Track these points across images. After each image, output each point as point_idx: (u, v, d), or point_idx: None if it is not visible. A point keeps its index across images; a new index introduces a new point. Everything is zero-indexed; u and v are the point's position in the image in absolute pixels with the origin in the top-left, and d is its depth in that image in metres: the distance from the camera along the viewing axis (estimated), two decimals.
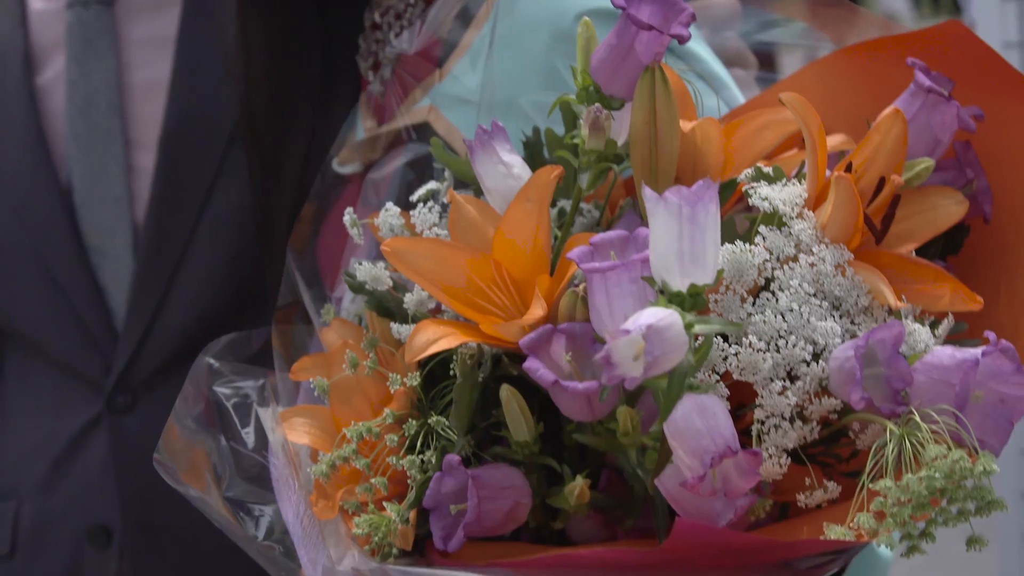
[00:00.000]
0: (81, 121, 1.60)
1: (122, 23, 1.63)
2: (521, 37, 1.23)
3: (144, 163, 1.61)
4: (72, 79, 1.61)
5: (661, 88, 0.88)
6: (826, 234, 0.87)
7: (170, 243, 1.60)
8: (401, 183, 1.24)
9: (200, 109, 1.61)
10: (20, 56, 1.63)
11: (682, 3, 0.88)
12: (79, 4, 1.62)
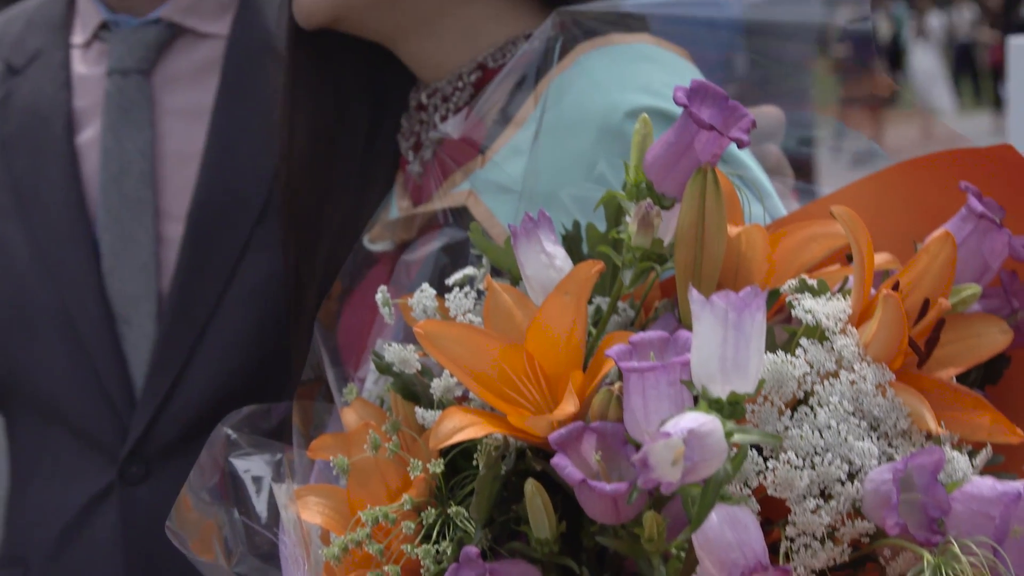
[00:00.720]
0: (113, 189, 1.61)
1: (159, 93, 1.64)
2: (568, 129, 1.23)
3: (173, 233, 1.61)
4: (107, 146, 1.62)
5: (712, 190, 0.87)
6: (869, 352, 0.85)
7: (193, 315, 1.59)
8: (435, 267, 1.23)
9: (231, 182, 1.61)
10: (63, 119, 1.64)
11: (742, 109, 0.87)
12: (118, 72, 1.64)
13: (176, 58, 1.67)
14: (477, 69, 1.37)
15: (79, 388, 1.61)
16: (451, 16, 1.37)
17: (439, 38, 1.38)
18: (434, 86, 1.40)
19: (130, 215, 1.61)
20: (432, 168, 1.35)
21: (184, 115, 1.65)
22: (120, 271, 1.60)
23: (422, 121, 1.41)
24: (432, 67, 1.40)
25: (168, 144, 1.64)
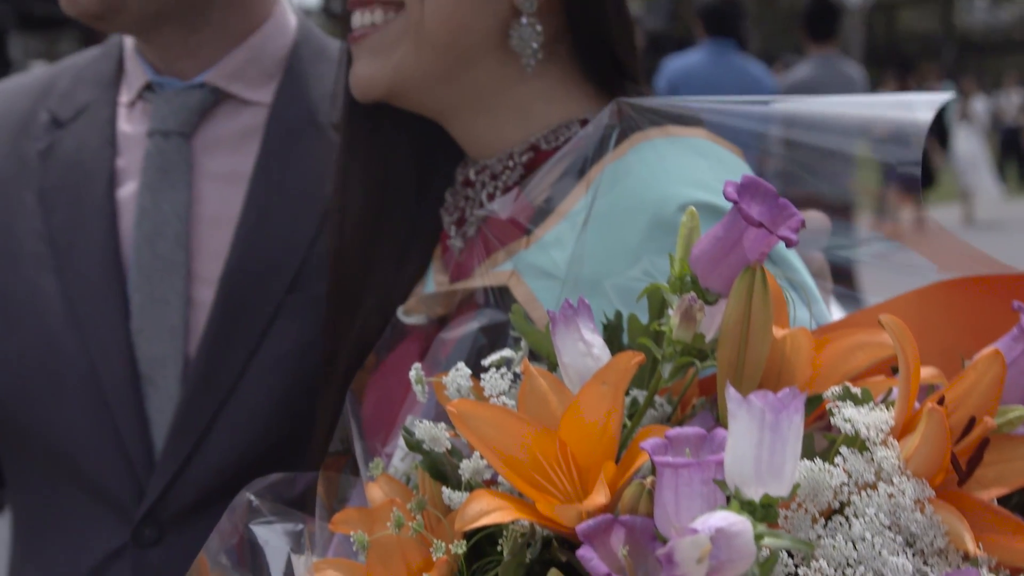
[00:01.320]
0: (147, 249, 1.61)
1: (199, 156, 1.65)
2: (618, 217, 1.23)
3: (203, 297, 1.61)
4: (143, 206, 1.62)
5: (760, 289, 0.85)
6: (909, 466, 0.83)
7: (219, 380, 1.58)
8: (472, 347, 1.22)
9: (266, 249, 1.61)
10: (105, 175, 1.65)
11: (792, 207, 0.86)
12: (159, 133, 1.64)
13: (218, 123, 1.68)
14: (529, 150, 1.37)
15: (98, 445, 1.60)
16: (506, 96, 1.38)
17: (492, 116, 1.38)
18: (483, 163, 1.40)
19: (162, 276, 1.61)
20: (475, 245, 1.35)
21: (222, 179, 1.65)
22: (148, 331, 1.60)
23: (468, 197, 1.41)
24: (483, 144, 1.40)
25: (204, 207, 1.64)
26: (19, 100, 1.76)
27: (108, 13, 1.59)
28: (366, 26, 1.37)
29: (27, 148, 1.70)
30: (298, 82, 1.69)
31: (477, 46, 1.34)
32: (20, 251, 1.65)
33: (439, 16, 1.32)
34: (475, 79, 1.36)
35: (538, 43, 1.33)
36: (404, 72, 1.35)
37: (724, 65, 6.90)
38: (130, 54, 1.73)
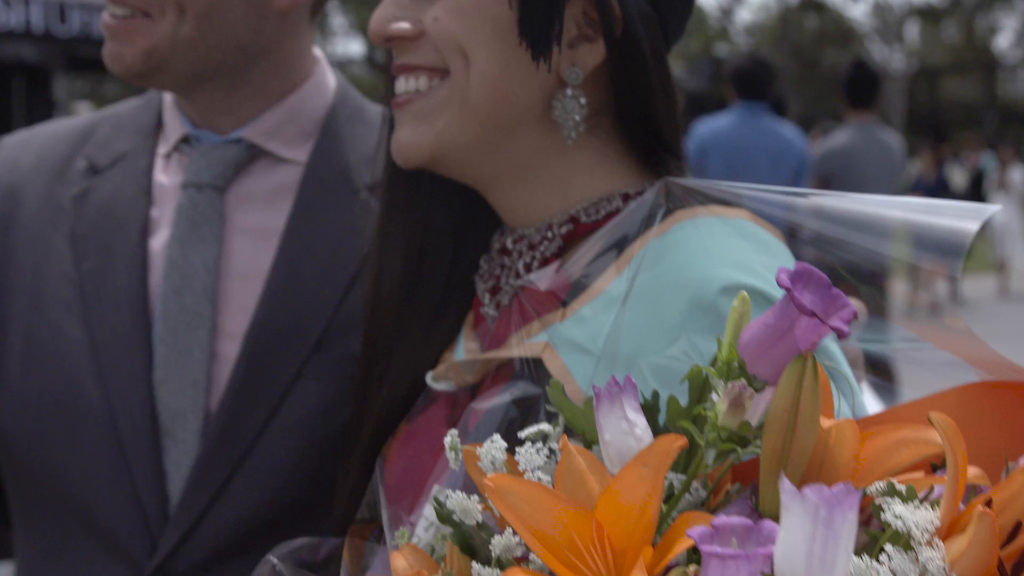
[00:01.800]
0: (173, 300, 1.61)
1: (231, 210, 1.65)
2: (659, 295, 1.22)
3: (227, 352, 1.60)
4: (172, 257, 1.62)
5: (810, 379, 0.84)
6: (955, 568, 0.82)
7: (238, 436, 1.58)
8: (503, 418, 1.21)
9: (293, 307, 1.60)
10: (139, 224, 1.65)
11: (845, 298, 0.86)
12: (193, 186, 1.65)
13: (252, 178, 1.68)
14: (569, 222, 1.36)
15: (113, 495, 1.59)
16: (547, 167, 1.37)
17: (532, 187, 1.38)
18: (521, 232, 1.40)
19: (187, 329, 1.60)
20: (509, 314, 1.35)
21: (253, 234, 1.65)
22: (170, 384, 1.59)
23: (504, 265, 1.41)
24: (522, 214, 1.40)
25: (234, 261, 1.64)
26: (58, 145, 1.76)
27: (151, 72, 1.61)
28: (410, 92, 1.36)
29: (62, 193, 1.70)
30: (334, 142, 1.70)
31: (520, 116, 1.34)
32: (48, 295, 1.65)
33: (484, 85, 1.32)
34: (517, 149, 1.36)
35: (581, 116, 1.33)
36: (447, 140, 1.34)
37: (755, 128, 6.92)
38: (169, 106, 1.74)
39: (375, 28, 1.37)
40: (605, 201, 1.36)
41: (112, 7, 1.60)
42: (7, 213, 1.71)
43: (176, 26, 1.58)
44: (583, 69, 1.32)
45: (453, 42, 1.32)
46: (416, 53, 1.35)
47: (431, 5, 1.33)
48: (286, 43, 1.69)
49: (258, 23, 1.63)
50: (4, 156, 1.78)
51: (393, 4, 1.36)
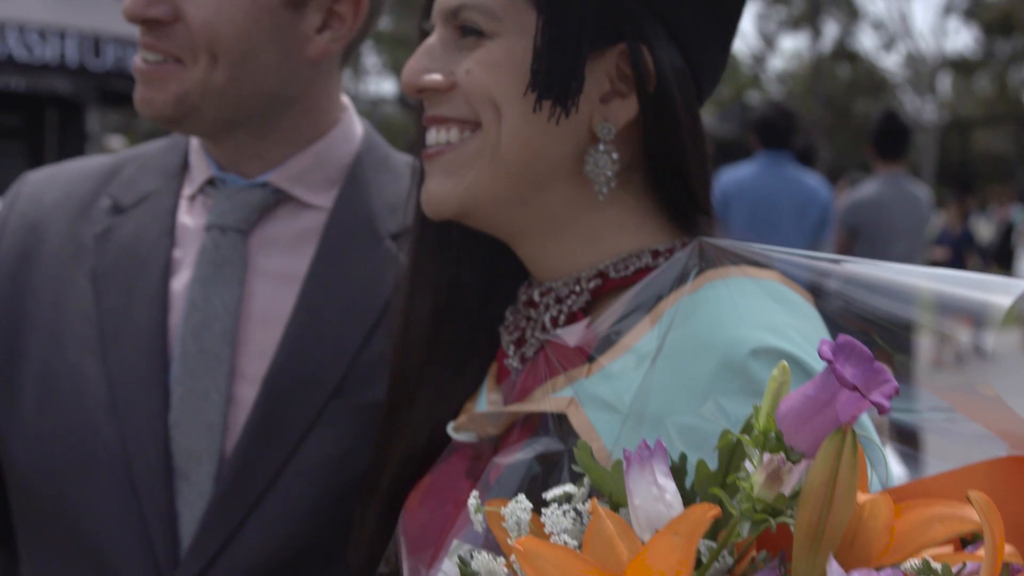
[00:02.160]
0: (192, 342, 1.60)
1: (254, 253, 1.65)
2: (687, 354, 1.20)
3: (245, 395, 1.59)
4: (193, 298, 1.61)
5: (849, 453, 0.83)
6: None
7: (252, 481, 1.56)
8: (526, 474, 1.19)
9: (313, 352, 1.59)
10: (161, 264, 1.65)
11: (887, 373, 0.84)
12: (217, 228, 1.64)
13: (276, 223, 1.68)
14: (597, 277, 1.35)
15: (123, 535, 1.58)
16: (577, 221, 1.36)
17: (562, 241, 1.37)
18: (548, 285, 1.38)
19: (205, 371, 1.59)
20: (533, 367, 1.34)
21: (275, 279, 1.65)
22: (186, 426, 1.58)
23: (530, 318, 1.40)
24: (550, 267, 1.39)
25: (254, 305, 1.63)
26: (83, 183, 1.77)
27: (181, 117, 1.61)
28: (441, 144, 1.36)
29: (85, 231, 1.70)
30: (359, 190, 1.70)
31: (551, 171, 1.33)
32: (67, 331, 1.65)
33: (516, 139, 1.31)
34: (547, 203, 1.35)
35: (613, 171, 1.32)
36: (477, 193, 1.34)
37: (778, 177, 6.90)
38: (195, 148, 1.74)
39: (407, 79, 1.37)
40: (635, 257, 1.35)
41: (144, 52, 1.61)
42: (29, 249, 1.71)
43: (208, 73, 1.58)
44: (615, 124, 1.32)
45: (485, 95, 1.31)
46: (448, 105, 1.35)
47: (464, 57, 1.33)
48: (316, 91, 1.69)
49: (290, 72, 1.64)
50: (28, 191, 1.78)
51: (426, 55, 1.36)
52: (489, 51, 1.31)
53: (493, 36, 1.31)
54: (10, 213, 1.75)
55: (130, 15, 1.57)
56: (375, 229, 1.67)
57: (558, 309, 1.36)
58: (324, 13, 1.63)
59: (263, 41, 1.59)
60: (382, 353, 1.56)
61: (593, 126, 1.31)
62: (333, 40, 1.65)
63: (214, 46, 1.57)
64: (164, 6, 1.57)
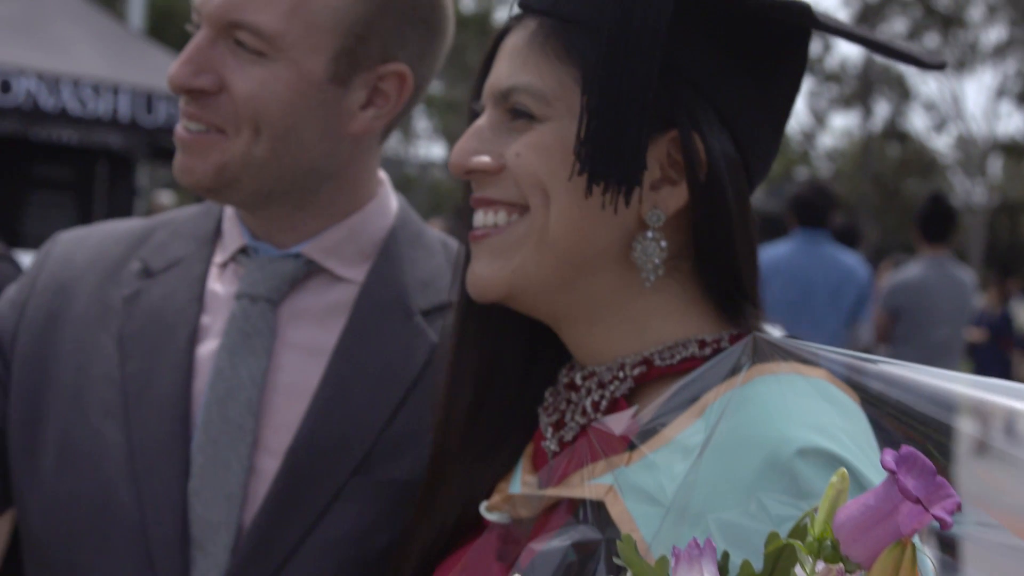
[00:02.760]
0: (216, 411, 1.57)
1: (283, 324, 1.63)
2: (733, 449, 1.17)
3: (266, 467, 1.57)
4: (220, 367, 1.59)
5: (908, 566, 0.79)
6: None
7: (269, 555, 1.53)
8: (560, 562, 1.18)
9: (338, 427, 1.57)
10: (188, 331, 1.63)
11: (949, 487, 0.81)
12: (247, 297, 1.63)
13: (307, 294, 1.66)
14: (642, 364, 1.33)
15: None
16: (623, 308, 1.34)
17: (606, 326, 1.35)
18: (591, 369, 1.36)
19: (227, 440, 1.57)
20: (572, 451, 1.31)
21: (303, 351, 1.63)
22: (205, 495, 1.55)
23: (570, 401, 1.37)
24: (593, 352, 1.37)
25: (281, 376, 1.61)
26: (114, 246, 1.75)
27: (221, 187, 1.60)
28: (488, 226, 1.35)
29: (113, 293, 1.69)
30: (392, 265, 1.68)
31: (599, 257, 1.32)
32: (90, 394, 1.62)
33: (564, 224, 1.30)
34: (593, 289, 1.33)
35: (661, 259, 1.30)
36: (523, 276, 1.33)
37: (814, 255, 6.85)
38: (230, 216, 1.73)
39: (456, 160, 1.36)
40: (681, 346, 1.33)
41: (187, 121, 1.60)
42: (57, 309, 1.69)
43: (250, 145, 1.57)
44: (665, 212, 1.30)
45: (534, 179, 1.30)
46: (496, 187, 1.34)
47: (513, 140, 1.32)
48: (355, 166, 1.68)
49: (331, 147, 1.63)
50: (59, 251, 1.77)
51: (475, 137, 1.36)
52: (539, 135, 1.30)
53: (544, 120, 1.31)
54: (40, 273, 1.74)
55: (175, 85, 1.57)
56: (406, 305, 1.65)
57: (600, 394, 1.34)
58: (369, 90, 1.62)
59: (307, 116, 1.58)
60: (408, 430, 1.55)
61: (642, 213, 1.29)
62: (376, 118, 1.64)
63: (258, 119, 1.56)
64: (209, 76, 1.56)
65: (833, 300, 6.80)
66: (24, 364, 1.67)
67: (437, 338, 1.60)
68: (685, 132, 1.28)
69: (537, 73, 1.31)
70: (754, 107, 1.33)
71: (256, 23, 1.54)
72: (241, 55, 1.56)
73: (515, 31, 1.36)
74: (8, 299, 1.73)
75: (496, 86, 1.34)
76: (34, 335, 1.68)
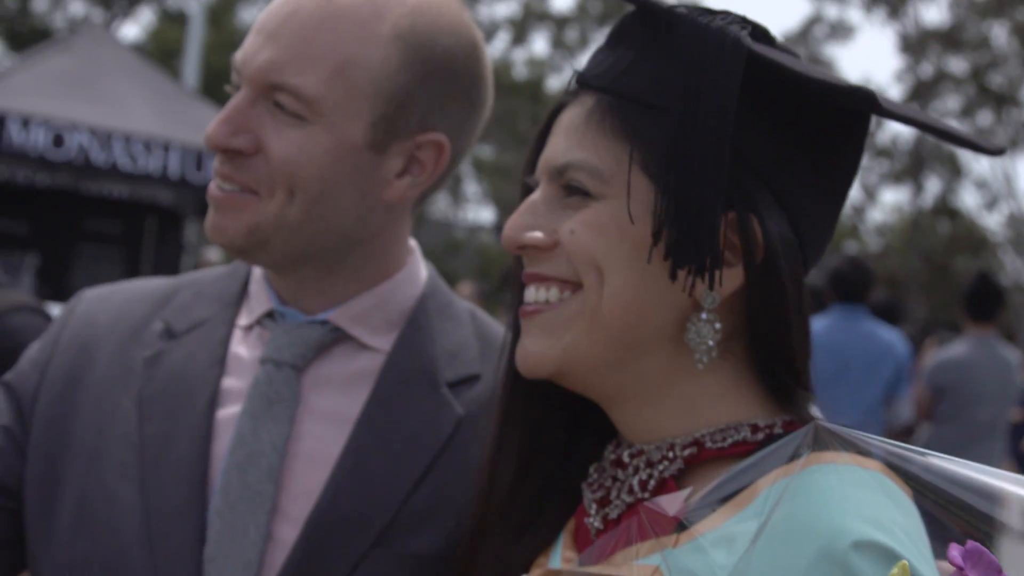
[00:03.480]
0: (236, 476, 1.56)
1: (307, 390, 1.62)
2: (786, 537, 1.15)
3: (285, 535, 1.55)
4: (241, 432, 1.58)
5: None
6: None
7: None
8: None
9: (359, 497, 1.55)
10: (208, 394, 1.61)
11: None
12: (272, 362, 1.61)
13: (333, 361, 1.65)
14: (693, 445, 1.31)
15: None
16: (674, 388, 1.33)
17: (657, 407, 1.34)
18: (640, 448, 1.35)
19: (246, 507, 1.55)
20: (618, 529, 1.30)
21: (326, 419, 1.61)
22: (222, 561, 1.53)
23: (615, 478, 1.36)
24: (642, 431, 1.35)
25: (303, 444, 1.59)
26: (137, 306, 1.74)
27: (252, 248, 1.59)
28: (540, 302, 1.35)
29: (135, 354, 1.68)
30: (419, 335, 1.67)
31: (651, 337, 1.31)
32: (108, 456, 1.60)
33: (618, 303, 1.29)
34: (644, 369, 1.32)
35: (715, 340, 1.29)
36: (574, 355, 1.32)
37: (852, 330, 6.82)
38: (257, 278, 1.72)
39: (509, 235, 1.36)
40: (733, 429, 1.31)
41: (221, 181, 1.59)
42: (79, 369, 1.68)
43: (284, 207, 1.56)
44: (720, 293, 1.28)
45: (588, 257, 1.30)
46: (549, 264, 1.34)
47: (568, 217, 1.32)
48: (387, 233, 1.67)
49: (365, 213, 1.62)
50: (83, 310, 1.76)
51: (529, 212, 1.35)
52: (595, 213, 1.30)
53: (599, 197, 1.30)
54: (62, 332, 1.73)
55: (212, 143, 1.56)
56: (432, 376, 1.64)
57: (648, 473, 1.32)
58: (406, 158, 1.61)
59: (342, 181, 1.57)
60: (430, 503, 1.53)
61: (696, 294, 1.28)
62: (412, 186, 1.63)
63: (293, 181, 1.55)
64: (247, 137, 1.56)
65: (869, 375, 6.77)
66: (44, 425, 1.66)
67: (463, 410, 1.60)
68: (743, 214, 1.27)
69: (594, 150, 1.30)
70: (812, 190, 1.32)
71: (298, 86, 1.53)
72: (280, 117, 1.55)
73: (572, 106, 1.36)
74: (30, 358, 1.73)
75: (551, 161, 1.34)
76: (55, 396, 1.67)
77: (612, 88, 1.32)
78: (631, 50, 1.32)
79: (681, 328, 1.30)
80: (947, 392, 7.30)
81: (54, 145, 10.94)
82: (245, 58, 1.57)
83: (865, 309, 7.02)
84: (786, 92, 1.28)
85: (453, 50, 1.61)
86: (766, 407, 1.33)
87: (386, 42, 1.56)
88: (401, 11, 1.58)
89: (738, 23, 1.28)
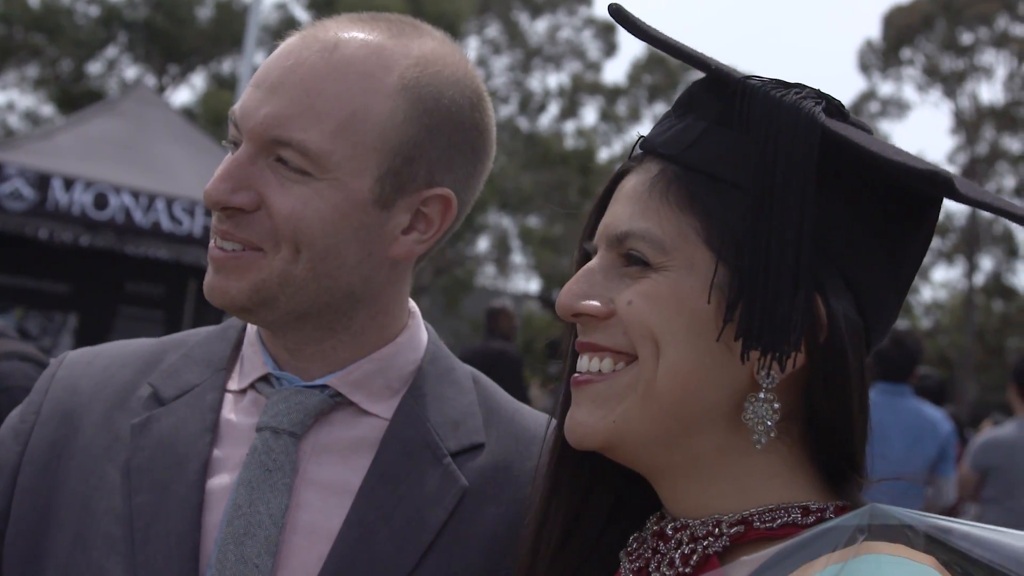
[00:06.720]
0: (232, 549, 1.47)
1: (306, 459, 1.55)
2: None
3: None
4: (237, 502, 1.49)
5: None
6: None
7: None
8: None
9: (361, 573, 1.48)
10: (199, 463, 1.54)
11: None
12: (269, 430, 1.54)
13: (332, 428, 1.58)
14: (740, 524, 1.25)
15: None
16: (726, 467, 1.28)
17: (706, 483, 1.28)
18: (684, 522, 1.29)
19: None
20: None
21: (326, 489, 1.54)
22: None
23: (657, 550, 1.31)
24: (689, 506, 1.30)
25: (302, 515, 1.51)
26: (121, 370, 1.66)
27: (256, 307, 1.52)
28: (592, 372, 1.30)
29: (122, 421, 1.59)
30: (420, 402, 1.60)
31: (706, 414, 1.26)
32: (94, 530, 1.52)
33: (673, 377, 1.24)
34: (697, 447, 1.27)
35: (773, 421, 1.23)
36: (625, 429, 1.28)
37: (893, 408, 6.67)
38: (251, 341, 1.64)
39: (565, 302, 1.31)
40: (783, 510, 1.25)
41: (221, 240, 1.52)
42: (62, 439, 1.60)
43: (289, 264, 1.50)
44: (780, 373, 1.22)
45: (645, 329, 1.26)
46: (604, 333, 1.30)
47: (626, 287, 1.27)
48: (390, 292, 1.61)
49: (371, 270, 1.55)
50: (64, 375, 1.67)
51: (585, 280, 1.31)
52: (654, 284, 1.25)
53: (660, 269, 1.26)
54: (43, 400, 1.65)
55: (211, 201, 1.49)
56: (435, 447, 1.57)
57: (692, 547, 1.27)
58: (412, 214, 1.55)
59: (349, 238, 1.51)
60: None
61: (755, 372, 1.23)
62: (418, 242, 1.57)
63: (299, 238, 1.48)
64: (248, 194, 1.49)
65: (908, 454, 6.61)
66: (26, 499, 1.57)
67: (467, 481, 1.54)
68: (808, 293, 1.21)
69: (656, 220, 1.26)
70: (880, 271, 1.27)
71: (303, 141, 1.46)
72: (283, 173, 1.48)
73: (635, 172, 1.32)
74: (11, 427, 1.64)
75: (612, 229, 1.30)
76: (38, 468, 1.59)
77: (679, 158, 1.27)
78: (701, 120, 1.27)
79: (736, 406, 1.24)
80: (993, 473, 7.13)
81: (96, 207, 10.96)
82: (244, 112, 1.49)
83: (908, 388, 6.87)
84: (860, 171, 1.23)
85: (459, 101, 1.55)
86: (819, 490, 1.28)
87: (392, 94, 1.50)
88: (407, 62, 1.52)
89: (813, 98, 1.23)
